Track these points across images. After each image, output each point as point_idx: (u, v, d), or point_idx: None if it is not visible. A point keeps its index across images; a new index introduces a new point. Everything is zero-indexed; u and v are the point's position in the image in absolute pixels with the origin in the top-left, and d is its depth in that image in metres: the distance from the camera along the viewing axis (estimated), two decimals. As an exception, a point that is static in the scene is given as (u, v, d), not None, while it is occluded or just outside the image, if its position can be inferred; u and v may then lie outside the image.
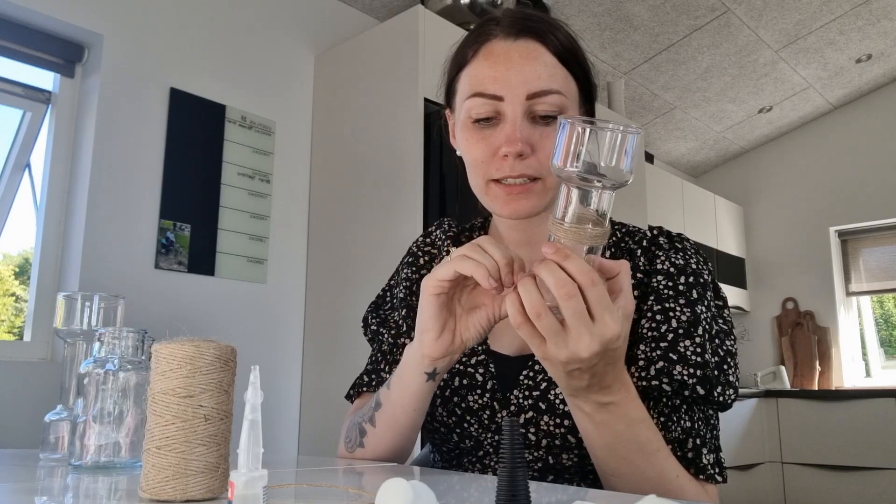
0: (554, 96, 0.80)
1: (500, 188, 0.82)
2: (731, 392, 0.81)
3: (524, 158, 0.80)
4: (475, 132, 0.83)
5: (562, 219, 0.64)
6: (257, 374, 0.46)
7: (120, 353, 0.79)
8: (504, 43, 0.82)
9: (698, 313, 0.82)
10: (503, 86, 0.80)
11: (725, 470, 0.81)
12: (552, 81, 0.81)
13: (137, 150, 2.19)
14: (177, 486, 0.56)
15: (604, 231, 0.64)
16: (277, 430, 2.45)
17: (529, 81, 0.80)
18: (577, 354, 0.63)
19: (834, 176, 4.62)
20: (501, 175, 0.82)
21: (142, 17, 2.25)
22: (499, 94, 0.81)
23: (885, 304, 4.67)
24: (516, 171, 0.80)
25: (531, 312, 0.63)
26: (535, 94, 0.80)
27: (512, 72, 0.80)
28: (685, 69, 3.75)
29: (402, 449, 0.87)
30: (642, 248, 0.88)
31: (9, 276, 2.31)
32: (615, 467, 0.73)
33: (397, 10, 2.82)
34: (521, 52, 0.81)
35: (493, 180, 0.83)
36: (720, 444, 0.83)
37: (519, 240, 0.92)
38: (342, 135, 2.59)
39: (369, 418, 0.86)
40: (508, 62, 0.81)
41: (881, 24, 3.66)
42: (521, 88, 0.80)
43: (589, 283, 0.61)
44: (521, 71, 0.80)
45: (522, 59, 0.81)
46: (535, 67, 0.80)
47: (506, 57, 0.81)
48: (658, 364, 0.79)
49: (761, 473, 3.99)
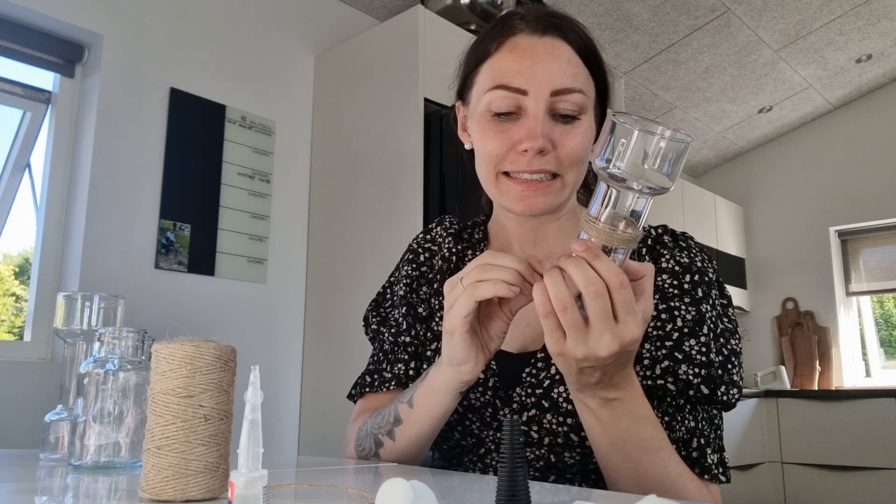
0: (576, 95, 0.80)
1: (514, 182, 0.82)
2: (734, 392, 0.81)
3: (544, 154, 0.79)
4: (494, 125, 0.82)
5: (596, 218, 0.63)
6: (257, 374, 0.46)
7: (120, 353, 0.79)
8: (530, 38, 0.82)
9: (703, 312, 0.82)
10: (527, 80, 0.80)
11: (729, 470, 0.81)
12: (576, 80, 0.81)
13: (137, 150, 2.19)
14: (177, 486, 0.56)
15: (635, 234, 0.63)
16: (277, 430, 2.45)
17: (554, 78, 0.80)
18: (595, 353, 0.63)
19: (834, 176, 4.62)
20: (517, 169, 0.81)
21: (142, 17, 2.25)
22: (523, 88, 0.80)
23: (885, 304, 4.67)
24: (534, 167, 0.80)
25: (558, 305, 0.62)
26: (559, 91, 0.79)
27: (537, 67, 0.80)
28: (685, 69, 3.75)
29: (421, 456, 0.88)
30: (647, 247, 0.88)
31: (9, 276, 2.31)
32: (618, 464, 0.73)
33: (397, 10, 2.82)
34: (547, 48, 0.81)
35: (504, 173, 0.82)
36: (724, 444, 0.83)
37: (524, 237, 0.92)
38: (342, 135, 2.59)
39: (388, 432, 0.84)
40: (534, 57, 0.80)
41: (881, 24, 3.66)
42: (546, 84, 0.79)
43: (617, 285, 0.61)
44: (547, 67, 0.80)
45: (548, 55, 0.81)
46: (560, 65, 0.80)
47: (531, 52, 0.81)
48: (663, 363, 0.79)
49: (761, 473, 3.99)
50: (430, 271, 1.00)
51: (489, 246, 0.98)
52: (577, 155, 0.81)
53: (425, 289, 0.99)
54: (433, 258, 1.01)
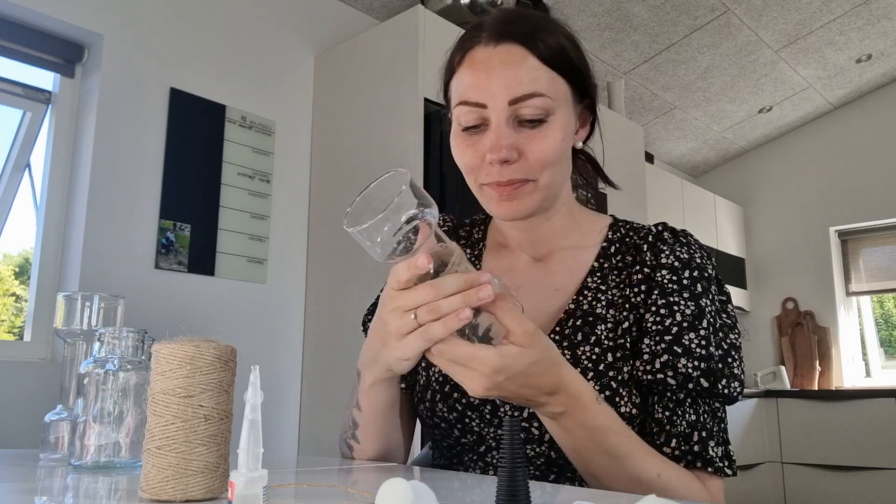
0: (537, 99, 0.80)
1: (493, 189, 0.84)
2: (736, 385, 0.81)
3: (511, 164, 0.81)
4: (465, 139, 0.85)
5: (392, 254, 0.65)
6: (257, 374, 0.46)
7: (120, 353, 0.79)
8: (485, 49, 0.83)
9: (703, 307, 0.83)
10: (485, 93, 0.81)
11: (735, 463, 0.82)
12: (534, 84, 0.80)
13: (137, 150, 2.19)
14: (177, 485, 0.56)
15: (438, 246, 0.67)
16: (277, 430, 2.45)
17: (511, 87, 0.80)
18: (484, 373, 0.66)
19: (834, 176, 4.62)
20: (490, 180, 0.83)
21: (142, 17, 2.25)
22: (482, 102, 0.81)
23: (885, 303, 4.67)
24: (504, 177, 0.82)
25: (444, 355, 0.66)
26: (518, 99, 0.80)
27: (492, 79, 0.81)
28: (685, 69, 3.75)
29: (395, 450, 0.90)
30: (648, 244, 0.89)
31: (9, 276, 2.31)
32: (584, 468, 0.75)
33: (397, 10, 2.82)
34: (502, 58, 0.81)
35: (484, 184, 0.84)
36: (728, 438, 0.83)
37: (520, 238, 0.94)
38: (342, 135, 2.59)
39: (352, 436, 0.88)
40: (489, 69, 0.81)
41: (881, 25, 3.66)
42: (503, 94, 0.80)
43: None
44: (502, 76, 0.80)
45: (503, 64, 0.81)
46: (517, 72, 0.80)
47: (487, 64, 0.82)
48: (663, 357, 0.80)
49: (761, 473, 3.99)
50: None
51: (487, 245, 1.00)
52: (548, 158, 0.82)
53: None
54: None
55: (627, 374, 0.82)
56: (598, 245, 0.92)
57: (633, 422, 0.81)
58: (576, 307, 0.87)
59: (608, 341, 0.84)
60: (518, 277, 0.94)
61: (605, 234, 0.93)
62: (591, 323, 0.85)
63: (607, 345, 0.84)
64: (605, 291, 0.88)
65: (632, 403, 0.81)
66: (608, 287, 0.88)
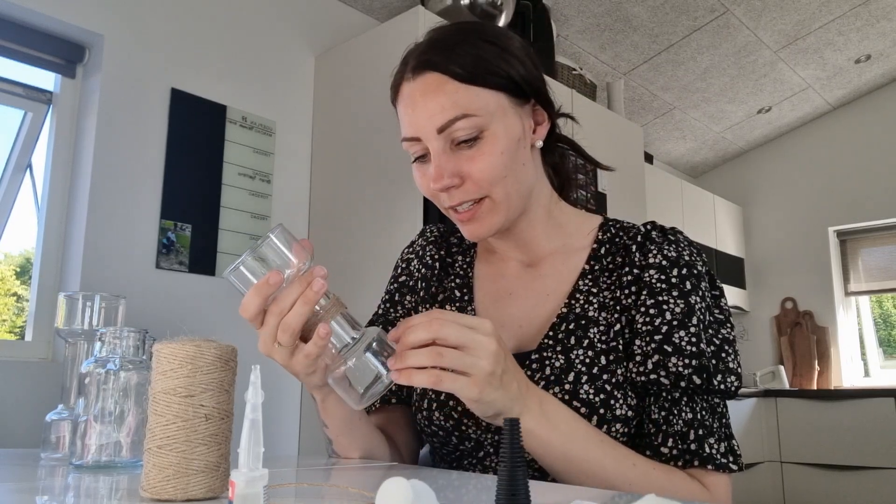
0: (463, 121, 0.80)
1: (453, 214, 0.86)
2: (732, 378, 0.81)
3: (457, 188, 0.82)
4: (417, 169, 0.87)
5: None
6: (258, 374, 0.47)
7: (121, 352, 0.79)
8: (409, 85, 0.84)
9: (692, 304, 0.82)
10: (416, 128, 0.83)
11: (740, 458, 0.81)
12: (455, 108, 0.80)
13: (138, 151, 2.19)
14: (178, 485, 0.56)
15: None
16: (278, 429, 2.45)
17: (433, 116, 0.81)
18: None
19: (833, 176, 4.62)
20: (447, 205, 0.85)
21: (143, 17, 2.26)
22: (415, 136, 0.83)
23: (883, 303, 4.68)
24: (456, 201, 0.83)
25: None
26: (444, 126, 0.81)
27: (417, 112, 0.82)
28: (684, 69, 3.75)
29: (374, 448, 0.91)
30: (637, 244, 0.89)
31: (10, 276, 2.32)
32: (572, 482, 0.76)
33: (397, 11, 2.82)
34: (422, 90, 0.82)
35: (446, 207, 0.86)
36: (732, 433, 0.83)
37: (506, 246, 0.95)
38: (342, 135, 2.59)
39: (333, 452, 0.91)
40: (414, 103, 0.83)
41: (880, 25, 3.66)
42: (429, 125, 0.81)
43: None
44: (426, 108, 0.81)
45: (423, 96, 0.82)
46: (438, 100, 0.81)
47: (411, 99, 0.83)
48: (654, 358, 0.80)
49: (760, 473, 3.99)
50: (410, 279, 1.03)
51: (478, 252, 1.01)
52: (492, 174, 0.82)
53: (409, 297, 1.02)
54: (410, 265, 1.04)
55: (622, 377, 0.82)
56: (588, 247, 0.92)
57: (630, 424, 0.81)
58: (568, 311, 0.87)
59: (601, 344, 0.84)
60: (510, 283, 0.94)
61: (596, 235, 0.93)
62: (583, 326, 0.85)
63: (601, 348, 0.83)
64: (596, 294, 0.88)
65: (627, 406, 0.80)
66: (600, 289, 0.88)
